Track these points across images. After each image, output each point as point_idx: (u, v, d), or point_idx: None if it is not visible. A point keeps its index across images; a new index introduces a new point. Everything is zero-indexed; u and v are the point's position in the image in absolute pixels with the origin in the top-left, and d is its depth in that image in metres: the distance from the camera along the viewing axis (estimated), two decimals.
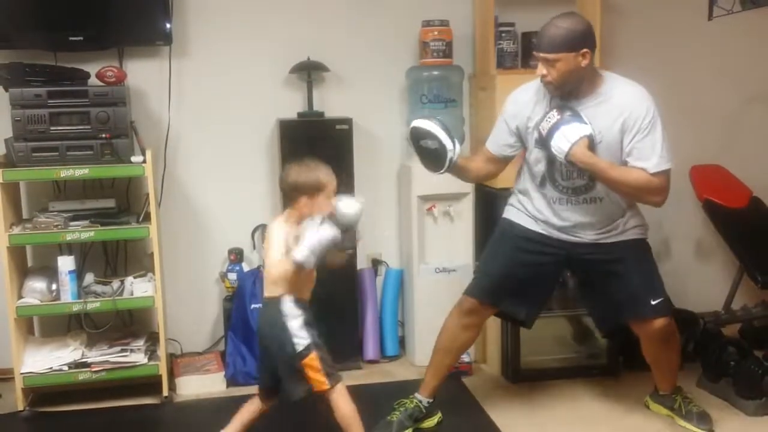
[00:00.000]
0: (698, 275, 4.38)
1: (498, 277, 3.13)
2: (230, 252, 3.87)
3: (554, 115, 2.86)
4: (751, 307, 4.03)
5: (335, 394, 2.71)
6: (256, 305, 3.70)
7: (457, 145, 2.98)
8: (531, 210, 3.10)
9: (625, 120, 2.86)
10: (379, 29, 3.97)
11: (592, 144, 2.85)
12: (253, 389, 3.14)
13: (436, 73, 3.84)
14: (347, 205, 2.79)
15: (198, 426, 3.18)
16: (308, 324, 2.75)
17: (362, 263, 3.99)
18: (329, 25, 3.91)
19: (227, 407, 3.16)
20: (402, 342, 4.05)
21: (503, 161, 3.15)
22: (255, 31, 3.85)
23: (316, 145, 3.71)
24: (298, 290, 2.77)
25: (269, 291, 2.79)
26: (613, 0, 4.02)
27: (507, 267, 3.12)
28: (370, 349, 3.94)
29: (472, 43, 4.02)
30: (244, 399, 3.04)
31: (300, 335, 2.71)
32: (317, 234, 2.65)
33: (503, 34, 3.85)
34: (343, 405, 2.72)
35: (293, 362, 2.70)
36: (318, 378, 2.70)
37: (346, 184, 3.74)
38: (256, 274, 3.72)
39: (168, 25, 3.67)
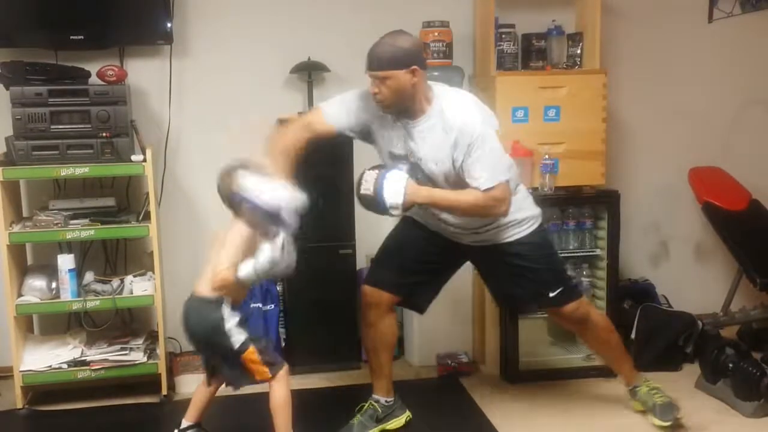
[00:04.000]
0: (697, 277, 4.39)
1: (394, 262, 3.14)
2: None
3: (370, 176, 2.83)
4: (750, 309, 4.04)
5: (274, 382, 2.82)
6: (256, 304, 3.71)
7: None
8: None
9: (455, 138, 2.78)
10: (380, 30, 3.94)
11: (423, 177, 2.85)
12: (250, 389, 3.14)
13: (435, 73, 3.81)
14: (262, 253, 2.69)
15: None
16: (242, 323, 2.81)
17: (361, 263, 3.99)
18: (330, 26, 3.92)
19: (225, 406, 3.17)
20: (400, 342, 4.04)
21: (323, 136, 3.02)
22: (256, 30, 3.86)
23: (316, 145, 3.70)
24: (235, 296, 2.81)
25: (206, 291, 2.77)
26: (613, 3, 4.02)
27: (403, 254, 3.13)
28: None
29: (472, 44, 4.03)
30: (241, 398, 3.04)
31: (236, 333, 2.77)
32: (269, 253, 2.65)
33: (503, 36, 3.84)
34: (278, 392, 2.82)
35: (234, 358, 2.78)
36: (259, 369, 2.79)
37: (346, 185, 3.76)
38: None
39: (169, 25, 3.68)
